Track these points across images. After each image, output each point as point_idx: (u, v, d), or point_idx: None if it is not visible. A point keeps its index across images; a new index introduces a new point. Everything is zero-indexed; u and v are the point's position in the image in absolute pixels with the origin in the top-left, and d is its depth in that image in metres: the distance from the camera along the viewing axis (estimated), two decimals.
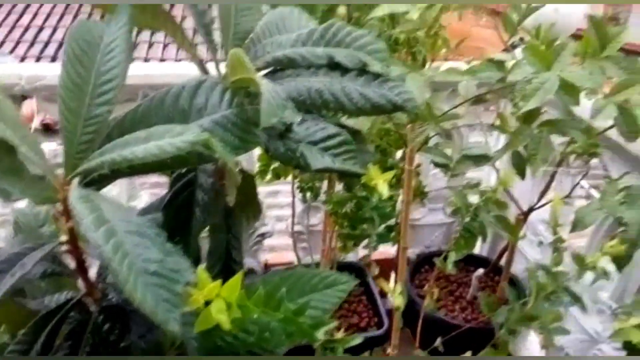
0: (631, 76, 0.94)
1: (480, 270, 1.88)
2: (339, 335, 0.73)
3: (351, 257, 2.23)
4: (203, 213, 0.70)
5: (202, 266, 0.54)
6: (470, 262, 2.09)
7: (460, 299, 1.98)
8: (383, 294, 2.15)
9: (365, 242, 2.05)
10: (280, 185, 1.90)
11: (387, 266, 2.22)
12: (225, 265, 0.77)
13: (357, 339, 0.73)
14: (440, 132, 1.04)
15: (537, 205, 1.57)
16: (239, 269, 0.77)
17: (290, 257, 2.03)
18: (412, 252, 2.22)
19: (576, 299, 0.99)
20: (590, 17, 0.98)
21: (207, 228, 0.81)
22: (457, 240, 1.08)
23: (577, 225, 1.11)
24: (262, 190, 2.11)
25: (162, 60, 4.70)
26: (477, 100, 1.10)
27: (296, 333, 0.64)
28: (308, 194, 1.60)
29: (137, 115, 0.66)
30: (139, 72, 1.46)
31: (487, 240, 2.25)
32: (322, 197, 1.66)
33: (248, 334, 0.63)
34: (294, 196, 1.63)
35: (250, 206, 0.96)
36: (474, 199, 1.14)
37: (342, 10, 1.19)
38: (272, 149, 0.69)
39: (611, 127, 1.01)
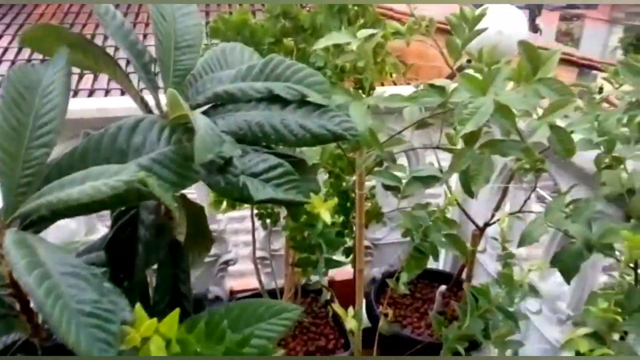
0: (562, 97, 0.99)
1: (443, 287, 1.90)
2: None
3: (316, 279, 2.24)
4: (146, 250, 0.71)
5: (139, 305, 0.55)
6: (434, 278, 2.13)
7: (426, 315, 2.01)
8: None
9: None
10: (246, 211, 1.92)
11: (352, 287, 2.24)
12: (173, 299, 0.77)
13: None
14: (386, 156, 1.07)
15: (491, 221, 1.61)
16: (187, 303, 0.78)
17: (256, 282, 2.03)
18: (378, 272, 2.25)
19: (509, 317, 1.02)
20: (521, 42, 1.03)
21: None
22: (408, 260, 1.11)
23: (525, 240, 1.14)
24: (227, 215, 2.12)
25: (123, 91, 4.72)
26: (421, 124, 1.13)
27: None
28: (268, 220, 1.61)
29: (74, 156, 0.67)
30: (90, 106, 1.47)
31: (449, 255, 2.30)
32: (283, 222, 1.68)
33: None
34: (253, 223, 1.64)
35: (201, 238, 0.97)
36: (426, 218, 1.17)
37: (289, 42, 1.23)
38: (213, 183, 0.71)
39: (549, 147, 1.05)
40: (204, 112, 0.81)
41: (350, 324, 1.06)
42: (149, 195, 0.67)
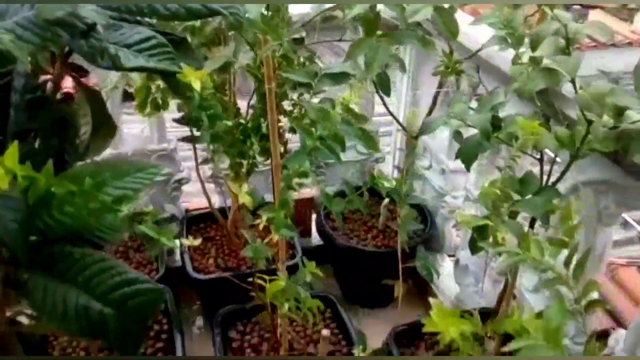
0: None
1: (387, 200, 1.97)
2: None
3: (270, 198, 2.31)
4: (18, 114, 0.76)
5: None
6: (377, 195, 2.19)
7: (373, 228, 2.09)
8: (302, 234, 2.25)
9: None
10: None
11: (306, 205, 2.31)
12: (56, 165, 0.83)
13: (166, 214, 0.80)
14: (288, 48, 1.11)
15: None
16: (69, 167, 0.84)
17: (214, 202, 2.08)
18: (330, 190, 2.31)
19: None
20: None
21: None
22: None
23: (424, 130, 1.20)
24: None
25: None
26: (326, 18, 1.17)
27: (100, 208, 0.71)
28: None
29: None
30: None
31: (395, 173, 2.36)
32: None
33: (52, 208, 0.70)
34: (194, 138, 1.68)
35: (103, 125, 1.02)
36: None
37: None
38: (76, 47, 0.76)
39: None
40: None
41: (243, 198, 1.12)
42: (11, 56, 0.71)
